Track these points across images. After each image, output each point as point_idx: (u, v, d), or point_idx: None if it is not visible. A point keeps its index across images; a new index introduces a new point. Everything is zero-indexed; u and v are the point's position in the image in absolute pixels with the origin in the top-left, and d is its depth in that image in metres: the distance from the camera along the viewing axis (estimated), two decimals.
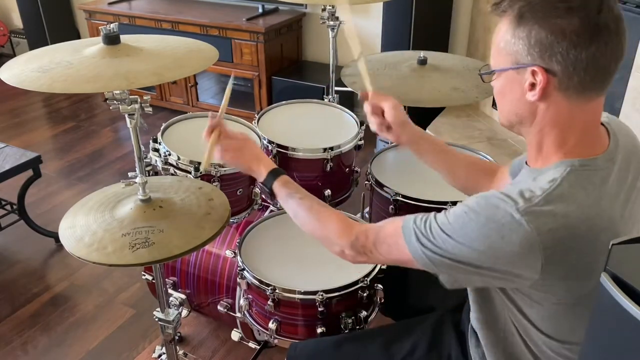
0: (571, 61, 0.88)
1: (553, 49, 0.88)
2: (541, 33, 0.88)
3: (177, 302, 1.86)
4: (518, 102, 0.96)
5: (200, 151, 1.70)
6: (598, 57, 0.87)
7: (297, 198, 1.19)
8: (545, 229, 0.87)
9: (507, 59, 0.94)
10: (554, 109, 0.93)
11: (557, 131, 0.95)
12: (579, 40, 0.86)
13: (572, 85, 0.90)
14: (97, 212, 1.33)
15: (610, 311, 0.68)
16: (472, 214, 0.92)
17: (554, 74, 0.90)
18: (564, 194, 0.89)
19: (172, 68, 1.24)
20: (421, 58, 1.95)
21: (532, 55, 0.90)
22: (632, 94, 2.19)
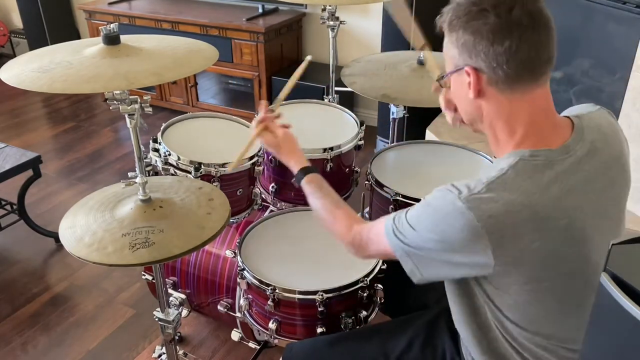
0: (492, 57, 0.95)
1: (476, 48, 0.96)
2: (465, 36, 0.97)
3: (177, 302, 1.86)
4: (464, 101, 1.05)
5: (200, 151, 1.71)
6: (515, 50, 0.94)
7: (316, 197, 1.31)
8: (486, 215, 0.92)
9: (449, 64, 1.04)
10: (493, 103, 1.00)
11: (502, 123, 1.01)
12: (495, 38, 0.94)
13: (500, 79, 0.97)
14: (97, 212, 1.33)
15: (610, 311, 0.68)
16: (427, 206, 1.00)
17: (482, 71, 0.97)
18: (507, 182, 0.95)
19: (172, 68, 1.24)
20: (421, 58, 1.95)
21: (463, 58, 0.99)
22: (632, 94, 2.19)
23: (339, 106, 2.10)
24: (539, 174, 0.96)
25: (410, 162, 1.92)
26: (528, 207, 0.93)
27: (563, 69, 2.65)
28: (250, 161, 1.71)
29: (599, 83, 2.49)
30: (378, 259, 1.44)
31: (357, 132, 1.90)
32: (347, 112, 2.05)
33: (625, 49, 2.21)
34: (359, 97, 3.69)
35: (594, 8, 2.38)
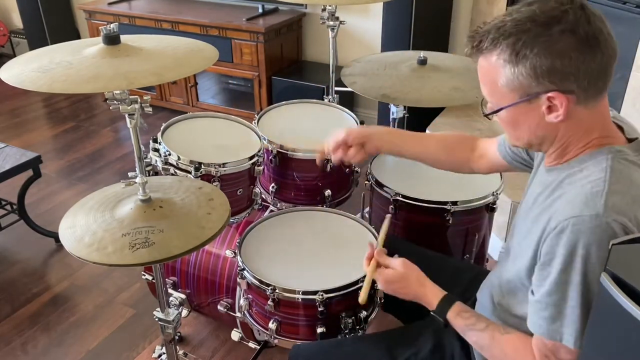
0: (584, 75, 0.90)
1: (563, 70, 0.90)
2: (546, 62, 0.89)
3: (177, 302, 1.86)
4: (537, 126, 0.98)
5: (200, 151, 1.71)
6: (605, 62, 0.90)
7: (479, 330, 1.11)
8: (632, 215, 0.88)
9: (514, 94, 0.95)
10: (576, 122, 0.96)
11: (580, 136, 0.98)
12: (583, 55, 0.89)
13: (590, 95, 0.92)
14: (97, 212, 1.33)
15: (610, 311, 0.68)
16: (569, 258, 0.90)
17: (572, 92, 0.92)
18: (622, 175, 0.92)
19: (172, 68, 1.24)
20: (421, 58, 1.95)
21: (542, 84, 0.92)
22: (632, 94, 2.19)
23: (339, 106, 2.10)
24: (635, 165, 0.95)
25: (410, 162, 1.92)
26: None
27: None
28: (250, 161, 1.71)
29: None
30: None
31: None
32: (347, 112, 2.05)
33: (625, 49, 2.21)
34: (359, 97, 3.69)
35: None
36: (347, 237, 1.63)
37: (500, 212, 2.32)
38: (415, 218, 1.73)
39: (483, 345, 1.11)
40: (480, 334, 1.11)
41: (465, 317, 1.14)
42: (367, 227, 1.63)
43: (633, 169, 0.95)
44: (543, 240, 0.95)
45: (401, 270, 1.23)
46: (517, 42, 0.91)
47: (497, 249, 2.41)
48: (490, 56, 0.95)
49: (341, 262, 1.53)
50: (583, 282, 0.90)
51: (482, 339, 1.11)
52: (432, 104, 1.81)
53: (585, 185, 0.93)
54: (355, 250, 1.56)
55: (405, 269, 1.23)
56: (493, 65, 0.95)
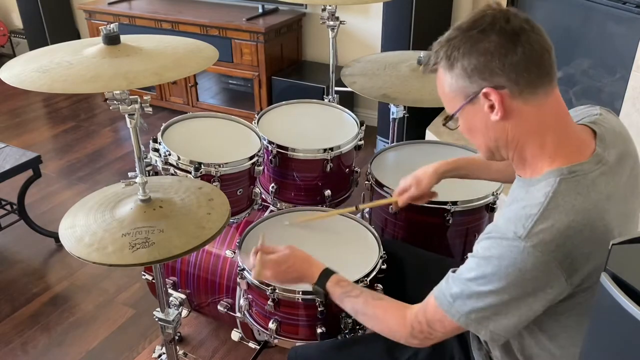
0: (509, 68, 0.94)
1: (489, 66, 0.95)
2: (472, 61, 0.96)
3: (177, 302, 1.86)
4: (487, 128, 1.01)
5: (200, 151, 1.71)
6: (528, 54, 0.94)
7: (354, 296, 1.19)
8: (553, 246, 0.90)
9: (458, 99, 1.01)
10: (520, 119, 0.98)
11: (532, 137, 0.99)
12: (506, 50, 0.94)
13: (522, 88, 0.95)
14: (97, 212, 1.33)
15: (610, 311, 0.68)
16: (486, 260, 0.95)
17: (502, 86, 0.95)
18: (559, 204, 0.92)
19: (172, 68, 1.24)
20: (421, 58, 1.95)
21: (476, 83, 0.97)
22: (632, 94, 2.19)
23: (339, 106, 2.10)
24: (584, 189, 0.94)
25: (410, 162, 1.92)
26: (587, 225, 0.91)
27: (563, 69, 2.65)
28: (250, 161, 1.71)
29: (599, 83, 2.49)
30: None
31: (357, 132, 1.90)
32: (347, 112, 2.05)
33: (625, 49, 2.21)
34: (359, 97, 3.69)
35: (594, 8, 2.38)
36: (347, 237, 1.63)
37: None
38: (415, 218, 1.73)
39: (357, 309, 1.19)
40: (355, 300, 1.19)
41: (342, 285, 1.23)
42: (367, 227, 1.63)
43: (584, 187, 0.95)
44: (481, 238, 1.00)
45: (286, 251, 1.31)
46: (448, 48, 0.98)
47: None
48: (437, 70, 1.04)
49: (341, 262, 1.53)
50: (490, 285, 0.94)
51: (356, 303, 1.18)
52: (432, 104, 1.80)
53: (525, 206, 0.94)
54: (355, 250, 1.56)
55: (290, 250, 1.31)
56: (439, 76, 1.03)
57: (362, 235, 1.61)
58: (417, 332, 1.07)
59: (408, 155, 1.97)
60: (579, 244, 0.91)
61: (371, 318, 1.17)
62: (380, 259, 1.49)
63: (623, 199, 0.99)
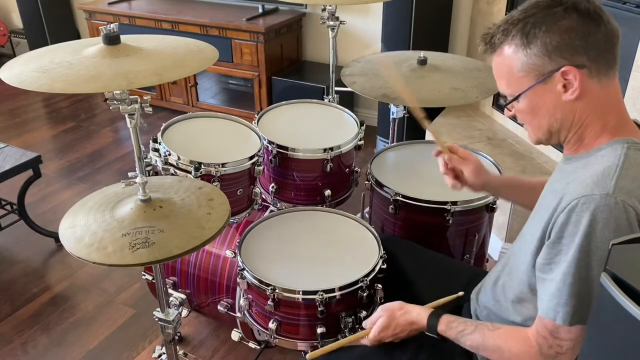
0: (591, 47, 0.95)
1: (572, 44, 0.94)
2: (555, 39, 0.95)
3: (177, 302, 1.86)
4: (555, 108, 1.00)
5: (200, 151, 1.71)
6: (610, 34, 0.95)
7: (469, 333, 1.15)
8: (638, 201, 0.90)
9: (530, 77, 0.99)
10: (592, 100, 0.98)
11: (596, 119, 1.00)
12: (588, 28, 0.94)
13: (601, 69, 0.96)
14: (97, 212, 1.33)
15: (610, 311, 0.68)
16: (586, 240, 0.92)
17: (583, 65, 0.96)
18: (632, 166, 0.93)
19: (172, 68, 1.24)
20: (421, 58, 1.95)
21: (555, 61, 0.96)
22: (632, 94, 2.19)
23: (339, 106, 2.10)
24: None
25: (410, 162, 1.92)
26: None
27: None
28: (250, 161, 1.71)
29: None
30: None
31: (357, 132, 1.90)
32: (347, 112, 2.05)
33: (625, 49, 2.20)
34: (359, 97, 3.69)
35: None
36: (347, 237, 1.63)
37: (500, 212, 2.32)
38: (415, 218, 1.73)
39: (477, 345, 1.14)
40: (472, 337, 1.14)
41: (454, 326, 1.18)
42: (367, 227, 1.63)
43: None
44: (554, 220, 0.97)
45: (382, 313, 1.27)
46: (525, 25, 0.97)
47: (497, 249, 2.42)
48: (503, 48, 1.01)
49: (341, 262, 1.53)
50: (583, 259, 0.92)
51: (474, 340, 1.14)
52: (432, 104, 1.80)
53: (597, 168, 0.95)
54: (355, 251, 1.56)
55: (384, 311, 1.27)
56: (507, 55, 1.00)
57: (362, 235, 1.61)
58: (546, 348, 1.01)
59: (408, 155, 1.97)
60: None
61: (495, 351, 1.11)
62: (380, 259, 1.49)
63: None
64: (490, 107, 3.09)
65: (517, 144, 2.79)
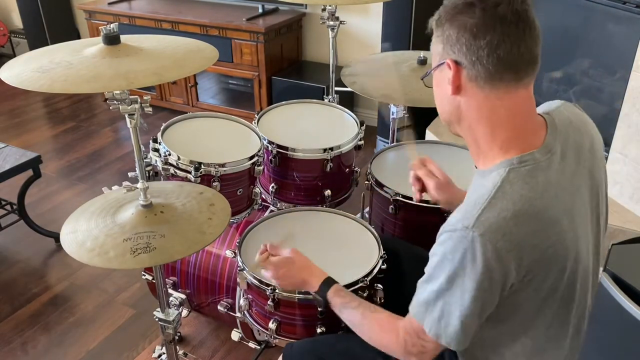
0: (473, 51, 0.94)
1: (459, 41, 0.95)
2: (450, 30, 0.96)
3: (177, 302, 1.86)
4: (444, 99, 1.03)
5: (200, 151, 1.71)
6: (496, 45, 0.93)
7: (352, 307, 1.21)
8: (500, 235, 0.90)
9: (434, 61, 1.03)
10: (473, 101, 0.98)
11: (483, 125, 1.00)
12: (477, 32, 0.93)
13: (479, 75, 0.95)
14: (98, 217, 1.33)
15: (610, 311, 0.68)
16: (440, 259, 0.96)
17: (461, 64, 0.96)
18: (506, 193, 0.93)
19: (172, 68, 1.24)
20: (421, 58, 1.95)
21: (446, 52, 0.98)
22: (632, 94, 2.19)
23: (339, 106, 2.10)
24: (533, 179, 0.95)
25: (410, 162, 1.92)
26: (533, 215, 0.92)
27: (563, 69, 2.65)
28: (250, 161, 1.71)
29: (599, 83, 2.49)
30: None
31: (357, 132, 1.90)
32: (347, 112, 2.05)
33: (625, 49, 2.21)
34: (359, 97, 3.69)
35: (594, 8, 2.38)
36: (347, 237, 1.63)
37: None
38: (415, 218, 1.73)
39: (355, 322, 1.20)
40: (353, 312, 1.20)
41: (341, 295, 1.24)
42: (367, 227, 1.63)
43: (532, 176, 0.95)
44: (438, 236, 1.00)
45: (288, 255, 1.34)
46: (442, 11, 1.00)
47: None
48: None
49: (341, 262, 1.53)
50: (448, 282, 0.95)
51: (354, 316, 1.20)
52: (432, 104, 1.80)
53: (475, 197, 0.95)
54: (355, 251, 1.56)
55: (292, 254, 1.34)
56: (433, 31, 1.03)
57: (362, 235, 1.61)
58: (410, 346, 1.06)
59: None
60: (525, 234, 0.91)
61: (368, 332, 1.17)
62: (380, 259, 1.49)
63: (570, 190, 1.00)
64: None
65: None
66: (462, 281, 0.93)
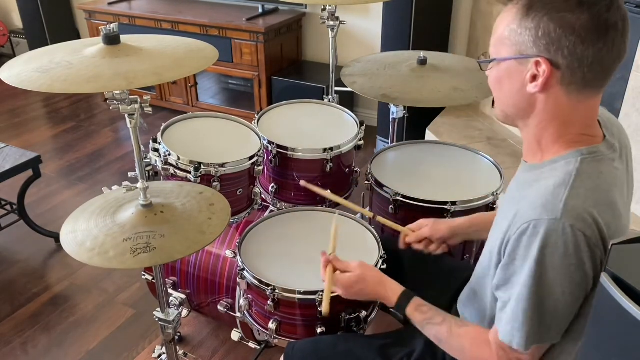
0: (577, 57, 0.88)
1: (561, 42, 0.88)
2: (550, 25, 0.88)
3: (177, 302, 1.86)
4: (517, 93, 0.96)
5: (200, 151, 1.71)
6: (604, 55, 0.88)
7: (436, 323, 1.15)
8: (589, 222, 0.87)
9: (511, 49, 0.94)
10: (553, 102, 0.93)
11: (556, 125, 0.95)
12: (587, 37, 0.86)
13: (574, 81, 0.90)
14: (98, 217, 1.33)
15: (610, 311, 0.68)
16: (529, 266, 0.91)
17: (559, 67, 0.90)
18: (585, 183, 0.90)
19: (172, 68, 1.24)
20: (421, 58, 1.95)
21: (537, 47, 0.90)
22: (632, 94, 2.19)
23: (339, 106, 2.10)
24: (605, 170, 0.93)
25: (410, 162, 1.92)
26: (609, 205, 0.90)
27: None
28: (250, 161, 1.71)
29: None
30: None
31: (357, 132, 1.90)
32: (347, 112, 2.05)
33: None
34: (359, 97, 3.69)
35: None
36: (347, 237, 1.63)
37: None
38: (415, 218, 1.72)
39: (441, 338, 1.13)
40: (438, 328, 1.13)
41: (423, 311, 1.17)
42: (367, 227, 1.63)
43: (604, 167, 0.93)
44: (507, 240, 0.95)
45: (358, 272, 1.25)
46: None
47: None
48: (511, 6, 0.95)
49: None
50: (534, 285, 0.91)
51: (440, 332, 1.13)
52: (432, 104, 1.81)
53: (548, 186, 0.92)
54: (354, 251, 1.56)
55: (362, 270, 1.26)
56: (507, 15, 0.94)
57: (362, 235, 1.61)
58: (505, 359, 1.02)
59: (408, 155, 1.97)
60: (605, 224, 0.89)
61: (457, 350, 1.12)
62: (380, 259, 1.49)
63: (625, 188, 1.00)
64: (490, 107, 3.09)
65: (517, 144, 2.79)
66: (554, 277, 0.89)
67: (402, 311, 1.19)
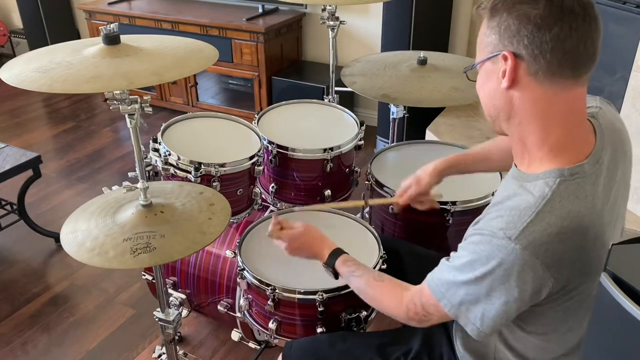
0: (537, 44, 0.90)
1: (520, 33, 0.90)
2: (509, 20, 0.91)
3: (177, 302, 1.86)
4: (494, 92, 0.98)
5: (200, 151, 1.71)
6: (563, 38, 0.89)
7: (357, 276, 1.25)
8: (543, 250, 0.89)
9: (485, 51, 0.98)
10: (529, 96, 0.94)
11: (536, 123, 0.95)
12: (543, 23, 0.88)
13: (540, 69, 0.91)
14: (98, 217, 1.33)
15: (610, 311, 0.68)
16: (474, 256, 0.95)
17: (522, 57, 0.92)
18: (555, 208, 0.90)
19: (172, 68, 1.24)
20: (421, 58, 1.95)
21: (502, 43, 0.93)
22: (632, 94, 2.19)
23: (339, 106, 2.10)
24: (583, 192, 0.92)
25: (410, 162, 1.92)
26: (579, 231, 0.90)
27: None
28: (250, 161, 1.71)
29: (599, 83, 2.49)
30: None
31: (357, 132, 1.90)
32: (347, 112, 2.05)
33: (625, 49, 2.21)
34: (359, 97, 3.69)
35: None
36: (347, 237, 1.62)
37: None
38: (415, 218, 1.73)
39: (360, 288, 1.24)
40: (358, 279, 1.24)
41: (348, 265, 1.27)
42: (367, 227, 1.63)
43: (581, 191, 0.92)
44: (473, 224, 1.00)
45: (302, 228, 1.36)
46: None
47: None
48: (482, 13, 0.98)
49: None
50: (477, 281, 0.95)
51: (359, 283, 1.24)
52: (432, 104, 1.81)
53: (520, 206, 0.92)
54: (355, 251, 1.56)
55: (306, 227, 1.36)
56: (482, 21, 0.99)
57: (362, 235, 1.61)
58: (413, 314, 1.10)
59: (408, 155, 1.97)
60: (568, 248, 0.90)
61: (372, 299, 1.22)
62: (380, 259, 1.49)
63: (611, 201, 0.99)
64: None
65: None
66: (492, 286, 0.93)
67: (332, 264, 1.29)
